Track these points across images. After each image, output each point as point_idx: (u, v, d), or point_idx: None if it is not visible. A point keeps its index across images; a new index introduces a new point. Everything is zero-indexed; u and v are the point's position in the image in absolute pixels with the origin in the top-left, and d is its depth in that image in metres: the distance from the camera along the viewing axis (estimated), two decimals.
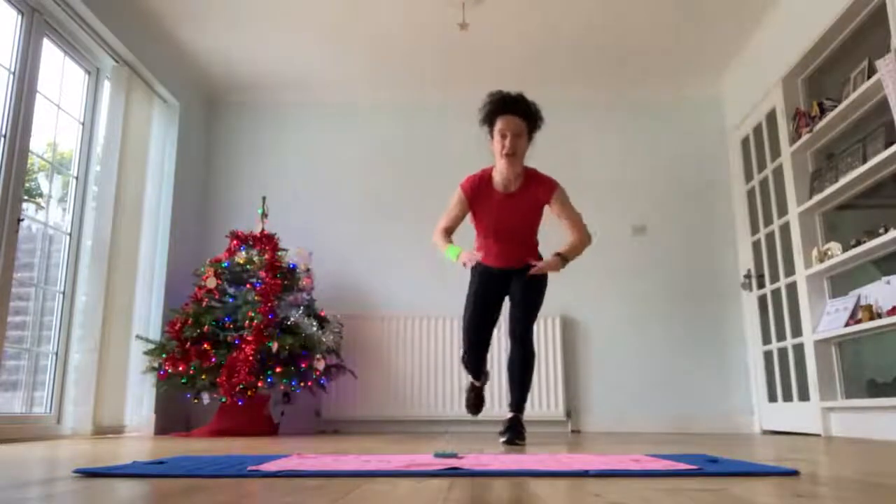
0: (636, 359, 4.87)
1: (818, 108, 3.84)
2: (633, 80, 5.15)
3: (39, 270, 3.80)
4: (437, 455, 1.87)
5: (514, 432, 3.06)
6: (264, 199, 4.69)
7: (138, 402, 4.26)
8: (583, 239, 3.16)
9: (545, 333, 4.78)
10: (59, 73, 3.92)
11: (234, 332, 4.04)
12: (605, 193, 5.12)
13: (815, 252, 3.88)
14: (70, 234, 3.96)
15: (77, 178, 4.05)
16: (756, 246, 4.71)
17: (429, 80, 5.16)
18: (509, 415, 3.15)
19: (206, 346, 4.00)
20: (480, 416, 3.61)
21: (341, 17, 4.37)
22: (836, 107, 3.66)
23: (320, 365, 4.16)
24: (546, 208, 3.21)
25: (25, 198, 3.48)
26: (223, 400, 3.96)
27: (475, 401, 3.47)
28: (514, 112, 3.09)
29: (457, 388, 4.70)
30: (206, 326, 4.04)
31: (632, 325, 4.93)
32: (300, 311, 4.24)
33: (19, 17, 3.48)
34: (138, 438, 3.69)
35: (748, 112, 4.73)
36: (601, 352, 4.90)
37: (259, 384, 3.95)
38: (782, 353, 4.37)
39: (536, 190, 3.15)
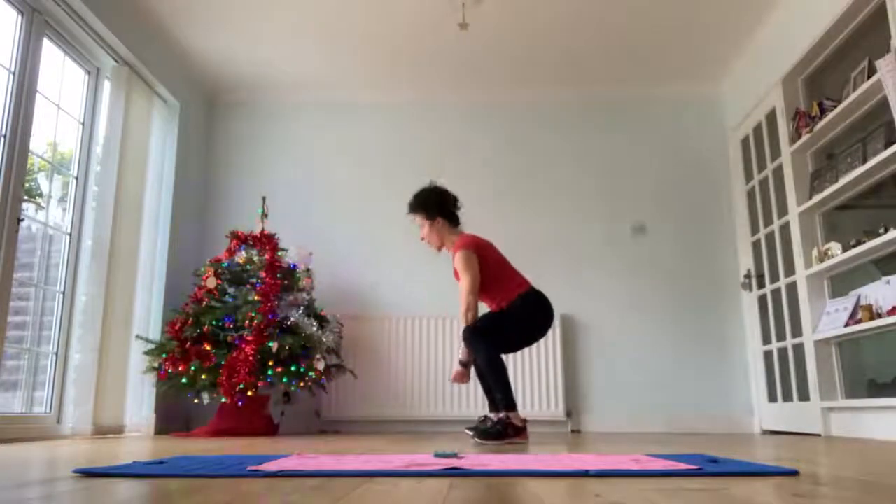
0: (636, 359, 4.87)
1: (818, 108, 3.83)
2: (633, 79, 5.15)
3: (39, 270, 3.80)
4: (437, 455, 1.87)
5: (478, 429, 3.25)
6: (264, 199, 4.68)
7: (138, 402, 4.26)
8: (461, 296, 3.40)
9: None
10: (59, 73, 3.91)
11: (234, 332, 4.04)
12: (605, 193, 5.12)
13: (815, 252, 3.88)
14: (70, 234, 3.96)
15: (77, 178, 4.04)
16: (756, 246, 4.71)
17: (429, 81, 5.16)
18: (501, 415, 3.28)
19: (206, 346, 4.00)
20: (479, 416, 3.63)
21: (341, 16, 4.37)
22: (836, 107, 3.66)
23: (320, 365, 4.16)
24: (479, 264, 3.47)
25: (25, 198, 3.47)
26: (223, 400, 3.96)
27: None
28: (410, 211, 3.61)
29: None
30: (206, 326, 4.04)
31: (632, 325, 4.93)
32: (300, 311, 4.23)
33: (19, 17, 3.48)
34: (138, 438, 3.69)
35: (748, 112, 4.73)
36: (601, 352, 4.89)
37: (259, 384, 3.95)
38: (782, 353, 4.37)
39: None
